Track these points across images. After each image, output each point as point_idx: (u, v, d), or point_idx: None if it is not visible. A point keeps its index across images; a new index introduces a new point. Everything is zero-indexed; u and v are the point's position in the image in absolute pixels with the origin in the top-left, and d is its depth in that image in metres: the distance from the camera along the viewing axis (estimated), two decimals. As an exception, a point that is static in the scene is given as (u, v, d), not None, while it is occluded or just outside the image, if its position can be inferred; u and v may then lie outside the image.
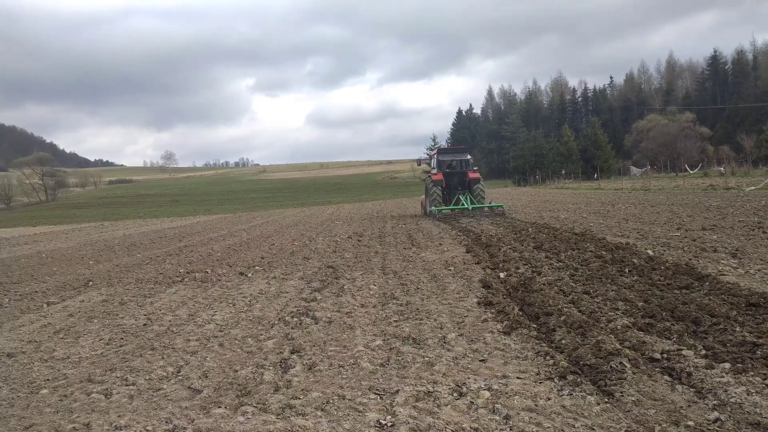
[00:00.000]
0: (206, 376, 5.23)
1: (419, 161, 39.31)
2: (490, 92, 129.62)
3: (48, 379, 5.54)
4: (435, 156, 26.06)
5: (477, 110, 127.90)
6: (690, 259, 9.09)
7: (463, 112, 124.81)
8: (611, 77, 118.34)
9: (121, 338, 6.94)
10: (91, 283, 11.72)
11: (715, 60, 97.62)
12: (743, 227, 12.67)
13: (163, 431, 4.03)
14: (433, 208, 23.28)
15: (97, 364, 5.93)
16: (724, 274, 7.81)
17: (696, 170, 59.12)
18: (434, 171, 25.21)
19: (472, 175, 24.15)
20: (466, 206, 22.66)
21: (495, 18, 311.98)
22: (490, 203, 24.21)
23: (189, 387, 4.97)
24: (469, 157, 25.96)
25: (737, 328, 5.38)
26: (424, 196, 26.48)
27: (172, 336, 6.80)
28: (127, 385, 5.13)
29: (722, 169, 50.06)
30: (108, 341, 6.84)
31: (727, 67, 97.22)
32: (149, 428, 4.10)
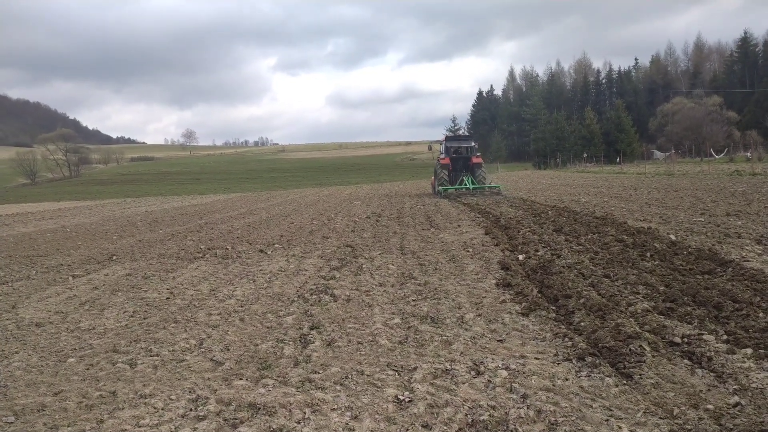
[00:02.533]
0: (228, 349, 5.34)
1: (430, 146, 42.73)
2: (511, 73, 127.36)
3: (75, 349, 5.70)
4: (443, 143, 29.59)
5: (498, 92, 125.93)
6: (713, 245, 8.96)
7: (484, 94, 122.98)
8: (636, 59, 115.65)
9: (145, 311, 7.09)
10: (114, 257, 11.95)
11: (744, 42, 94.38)
12: (769, 214, 12.42)
13: (187, 400, 4.13)
14: (440, 187, 26.99)
15: (121, 335, 6.08)
16: (748, 260, 7.69)
17: (721, 155, 57.89)
18: (442, 156, 28.64)
19: (475, 160, 27.77)
20: (468, 186, 26.35)
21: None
22: (489, 184, 27.62)
23: (211, 359, 5.08)
24: (473, 144, 29.48)
25: (760, 314, 5.31)
26: (433, 177, 30.09)
27: (195, 310, 6.94)
28: (151, 356, 5.25)
29: (749, 154, 48.96)
30: (132, 314, 7.00)
31: (757, 49, 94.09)
32: (173, 397, 4.21)
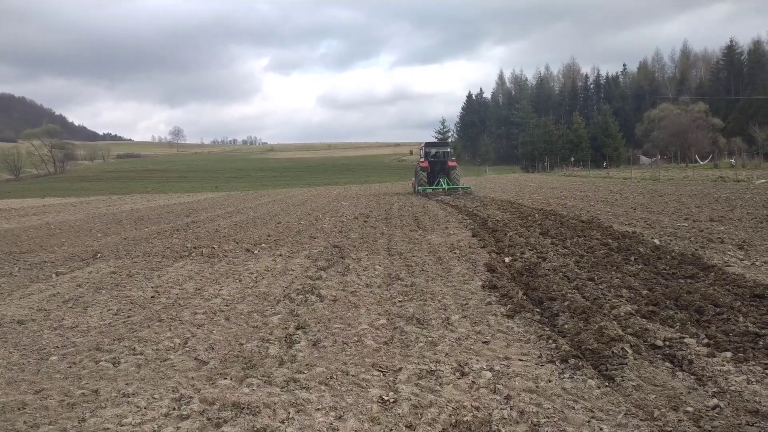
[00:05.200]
0: (212, 349, 5.32)
1: (411, 151, 46.67)
2: (501, 77, 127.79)
3: (57, 347, 5.64)
4: (423, 148, 32.93)
5: (488, 95, 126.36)
6: (696, 250, 9.07)
7: (473, 97, 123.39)
8: (624, 65, 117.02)
9: (129, 309, 7.04)
10: (99, 254, 11.84)
11: (730, 50, 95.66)
12: (751, 219, 12.61)
13: (170, 399, 4.11)
14: (419, 187, 30.24)
15: (105, 333, 6.03)
16: (729, 265, 7.80)
17: (706, 161, 58.67)
18: (422, 159, 31.95)
19: (450, 163, 31.16)
20: (444, 187, 29.52)
21: (507, 3, 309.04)
22: (462, 185, 30.48)
23: (195, 358, 5.06)
24: (449, 149, 33.74)
25: (740, 318, 5.39)
26: (413, 178, 33.36)
27: (179, 309, 6.89)
28: (134, 355, 5.22)
29: (733, 161, 49.64)
30: (116, 312, 6.95)
31: (742, 57, 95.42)
32: (156, 396, 4.18)
